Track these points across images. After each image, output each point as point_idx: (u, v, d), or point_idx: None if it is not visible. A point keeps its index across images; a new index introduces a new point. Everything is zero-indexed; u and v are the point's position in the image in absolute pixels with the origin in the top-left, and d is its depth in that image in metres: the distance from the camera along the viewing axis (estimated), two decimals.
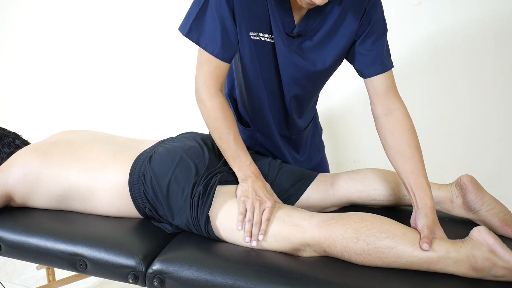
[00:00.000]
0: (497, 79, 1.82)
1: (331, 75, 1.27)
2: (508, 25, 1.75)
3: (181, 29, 1.13)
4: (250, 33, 1.12)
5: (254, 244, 1.04)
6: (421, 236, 0.97)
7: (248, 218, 1.05)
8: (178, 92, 2.31)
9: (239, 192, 1.12)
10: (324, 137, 1.56)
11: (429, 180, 1.22)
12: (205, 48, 1.11)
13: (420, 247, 0.95)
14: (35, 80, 2.57)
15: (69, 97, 2.53)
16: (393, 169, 1.27)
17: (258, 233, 1.04)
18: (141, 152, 1.20)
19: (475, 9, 1.77)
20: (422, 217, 1.03)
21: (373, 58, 1.16)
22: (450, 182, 1.22)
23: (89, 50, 2.40)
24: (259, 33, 1.13)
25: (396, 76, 2.02)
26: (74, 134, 1.37)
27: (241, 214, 1.07)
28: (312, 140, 1.47)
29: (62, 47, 2.45)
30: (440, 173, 1.82)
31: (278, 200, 1.14)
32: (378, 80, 1.17)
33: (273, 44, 1.14)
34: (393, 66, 1.19)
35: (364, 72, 1.18)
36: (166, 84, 2.31)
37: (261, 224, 1.04)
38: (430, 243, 0.96)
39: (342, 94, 2.00)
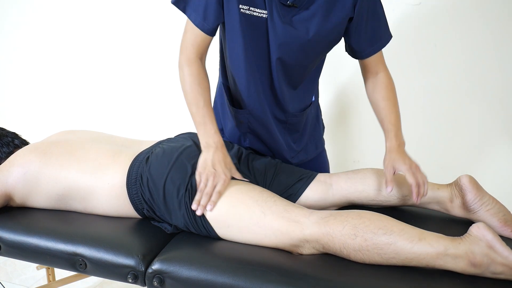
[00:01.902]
0: (497, 79, 1.82)
1: (325, 51, 1.27)
2: (508, 25, 1.75)
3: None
4: (240, 6, 1.13)
5: (199, 212, 1.07)
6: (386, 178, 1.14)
7: (200, 188, 1.08)
8: (178, 92, 2.30)
9: (199, 162, 1.13)
10: (324, 137, 1.56)
11: (429, 180, 1.23)
12: (189, 17, 1.15)
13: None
14: (35, 80, 2.57)
15: (69, 97, 2.52)
16: None
17: (207, 204, 1.07)
18: (139, 152, 1.21)
19: (475, 9, 1.77)
20: (385, 157, 1.19)
21: (370, 39, 1.23)
22: (450, 182, 1.22)
23: (89, 50, 2.40)
24: (251, 7, 1.13)
25: (396, 76, 2.02)
26: (73, 134, 1.37)
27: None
28: (312, 134, 1.44)
29: (62, 47, 2.45)
30: (440, 173, 1.82)
31: (237, 173, 1.15)
32: (371, 58, 1.27)
33: (265, 19, 1.15)
34: (391, 37, 1.27)
35: (362, 53, 1.25)
36: (165, 85, 2.31)
37: (211, 196, 1.07)
38: (391, 182, 1.14)
39: (342, 94, 2.00)
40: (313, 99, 1.41)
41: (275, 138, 1.33)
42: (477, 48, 1.81)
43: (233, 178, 1.14)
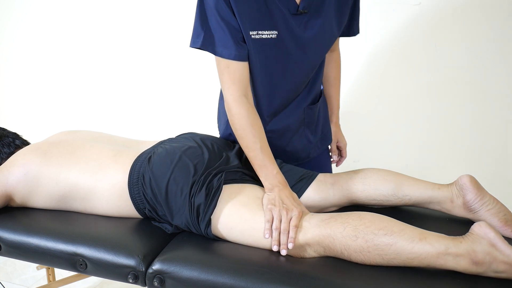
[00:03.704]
0: (497, 79, 1.83)
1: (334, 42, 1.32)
2: (508, 24, 1.75)
3: (193, 44, 1.15)
4: (250, 32, 1.13)
5: (283, 252, 1.02)
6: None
7: (276, 226, 1.04)
8: (178, 92, 2.31)
9: (265, 201, 1.10)
10: None
11: (429, 180, 1.23)
12: (221, 55, 1.13)
13: None
14: (35, 80, 2.57)
15: (69, 97, 2.53)
16: (393, 169, 1.27)
17: (287, 241, 1.02)
18: (140, 152, 1.21)
19: (475, 9, 1.77)
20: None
21: (350, 22, 1.30)
22: (450, 182, 1.22)
23: (89, 50, 2.40)
24: (259, 32, 1.14)
25: (396, 75, 2.03)
26: (74, 134, 1.37)
27: (268, 221, 1.05)
28: (325, 121, 1.47)
29: (62, 47, 2.45)
30: (440, 173, 1.82)
31: (306, 209, 1.12)
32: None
33: (275, 39, 1.15)
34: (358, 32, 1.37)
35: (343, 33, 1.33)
36: (166, 85, 2.32)
37: (289, 232, 1.03)
38: (336, 152, 1.52)
39: (341, 94, 2.00)
40: (321, 87, 1.45)
41: (297, 137, 1.35)
42: (477, 48, 1.81)
43: None
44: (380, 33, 1.91)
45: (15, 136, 1.42)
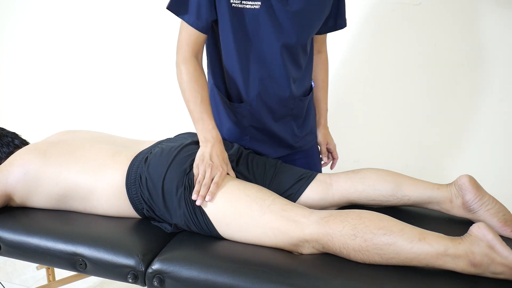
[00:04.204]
0: (497, 79, 1.82)
1: (320, 23, 1.30)
2: (508, 24, 1.75)
3: (167, 5, 1.19)
4: (232, 1, 1.15)
5: (198, 202, 1.07)
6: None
7: (198, 179, 1.09)
8: (178, 92, 2.31)
9: (196, 156, 1.15)
10: None
11: (429, 180, 1.23)
12: (183, 18, 1.18)
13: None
14: (35, 80, 2.57)
15: (69, 97, 2.53)
16: (393, 169, 1.28)
17: (206, 194, 1.07)
18: (138, 152, 1.21)
19: (474, 9, 1.77)
20: (319, 132, 1.49)
21: (335, 16, 1.32)
22: (449, 182, 1.22)
23: (89, 50, 2.40)
24: (243, 1, 1.16)
25: (396, 76, 2.03)
26: (73, 134, 1.37)
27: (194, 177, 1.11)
28: (314, 119, 1.48)
29: (62, 47, 2.45)
30: (440, 173, 1.82)
31: (232, 173, 1.17)
32: (321, 36, 1.40)
33: (258, 10, 1.17)
34: (346, 25, 1.37)
35: (323, 27, 1.32)
36: (165, 85, 2.31)
37: (209, 187, 1.08)
38: (326, 153, 1.51)
39: (341, 94, 2.00)
40: (313, 84, 1.44)
41: (279, 124, 1.34)
42: (477, 48, 1.81)
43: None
44: (380, 33, 1.91)
45: (14, 135, 1.42)
